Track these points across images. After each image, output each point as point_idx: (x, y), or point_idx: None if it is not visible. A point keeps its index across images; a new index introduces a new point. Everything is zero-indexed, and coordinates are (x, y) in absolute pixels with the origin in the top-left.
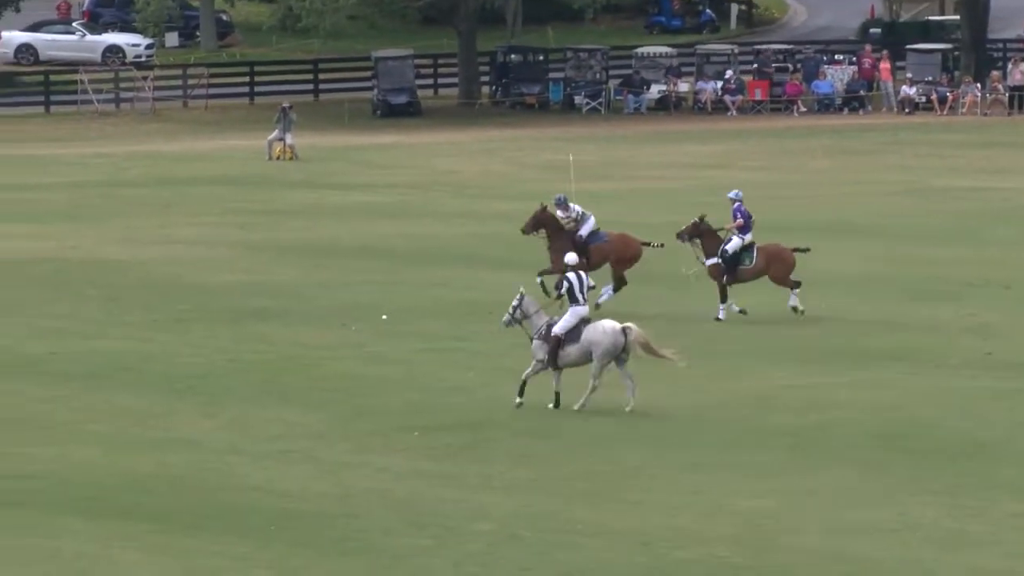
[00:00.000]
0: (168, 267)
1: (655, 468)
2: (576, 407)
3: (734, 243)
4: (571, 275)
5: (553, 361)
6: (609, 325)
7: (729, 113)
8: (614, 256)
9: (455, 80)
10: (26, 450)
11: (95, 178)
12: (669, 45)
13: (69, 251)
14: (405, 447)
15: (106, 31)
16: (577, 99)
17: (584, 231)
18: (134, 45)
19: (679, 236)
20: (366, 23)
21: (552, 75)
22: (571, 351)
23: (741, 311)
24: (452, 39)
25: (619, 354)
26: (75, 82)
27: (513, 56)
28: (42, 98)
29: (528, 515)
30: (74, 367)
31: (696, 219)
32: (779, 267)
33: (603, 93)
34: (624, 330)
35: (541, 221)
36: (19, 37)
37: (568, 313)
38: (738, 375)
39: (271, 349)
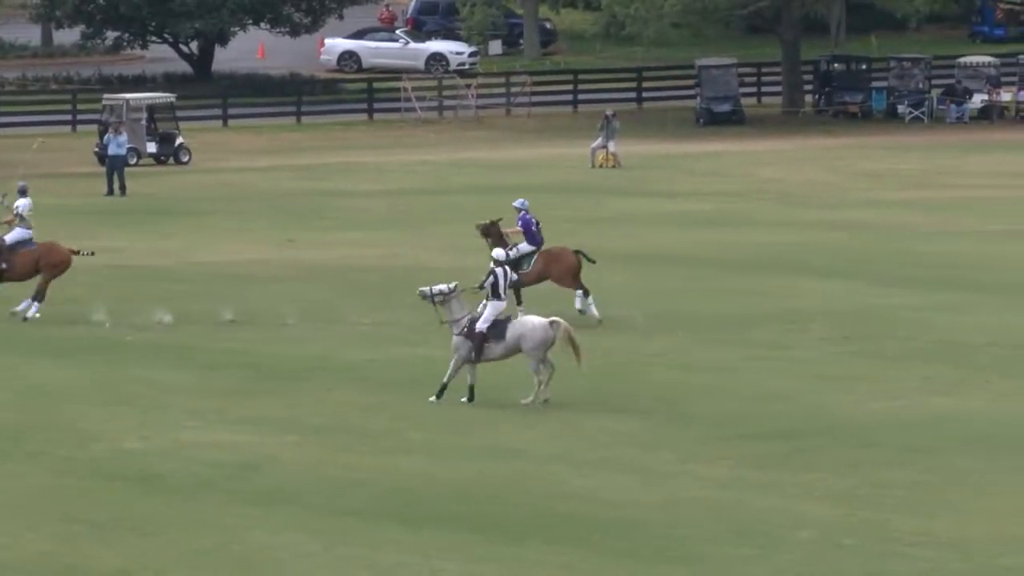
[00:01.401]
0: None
1: (979, 475)
2: (525, 402)
3: None
4: (498, 270)
5: (477, 356)
6: (538, 320)
7: None
8: (43, 263)
9: (778, 88)
10: (347, 458)
11: (419, 185)
12: (992, 55)
13: (393, 258)
14: (727, 456)
15: (429, 39)
16: (900, 108)
17: (10, 238)
18: (457, 53)
19: None
20: (690, 31)
21: (875, 84)
22: (496, 347)
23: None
24: (775, 48)
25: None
26: (398, 89)
27: (836, 65)
28: (365, 105)
29: (849, 524)
30: (395, 374)
31: None
32: None
33: (926, 102)
34: (552, 323)
35: None
36: (342, 44)
37: (488, 308)
38: None
39: (596, 356)
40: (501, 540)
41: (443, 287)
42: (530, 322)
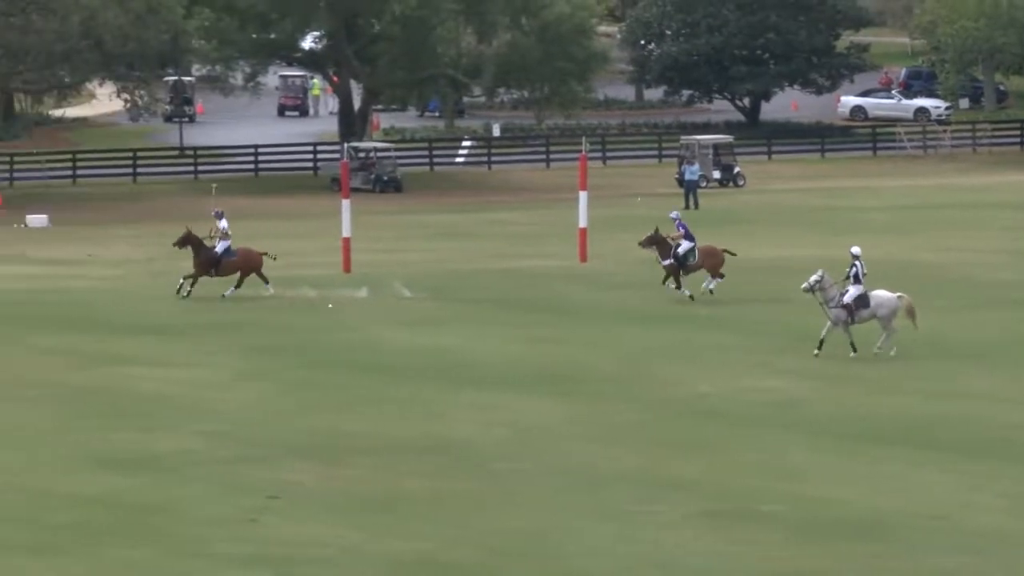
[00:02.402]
0: (961, 267)
1: None
2: (891, 353)
3: None
4: (858, 263)
5: (852, 320)
6: (890, 294)
7: None
8: (243, 267)
9: None
10: (855, 398)
11: (910, 203)
12: None
13: (891, 255)
14: None
15: (916, 97)
16: None
17: (219, 248)
18: (936, 107)
19: None
20: None
21: None
22: (864, 313)
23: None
24: None
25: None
26: (894, 134)
27: None
28: (870, 145)
29: None
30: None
31: None
32: None
33: None
34: (899, 297)
35: (187, 239)
36: (853, 100)
37: (852, 289)
38: None
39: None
40: (965, 459)
41: (813, 278)
42: (885, 295)
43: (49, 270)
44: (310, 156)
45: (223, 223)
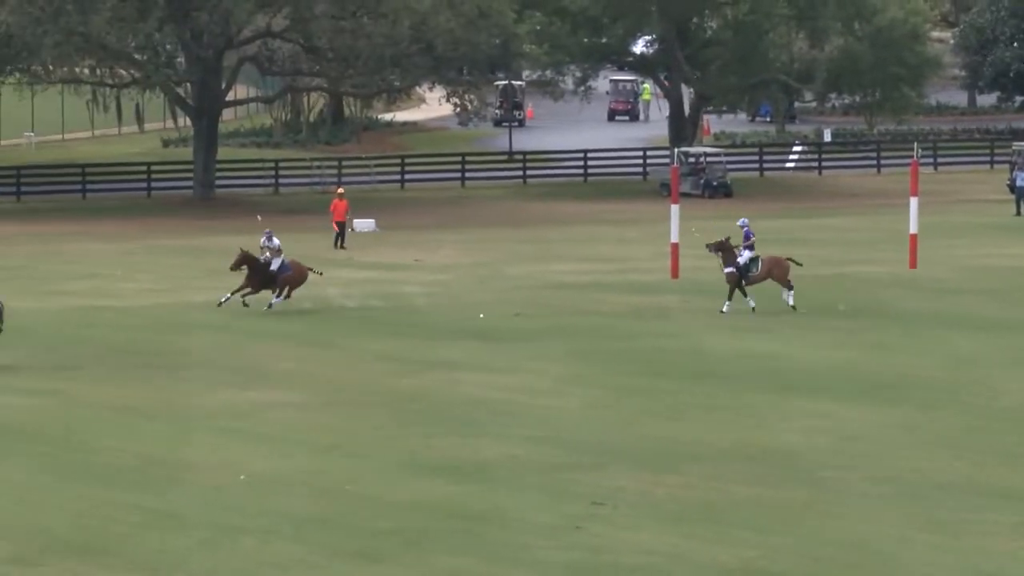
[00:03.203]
0: None
1: None
2: None
3: None
4: None
5: None
6: None
7: None
8: (295, 280)
9: None
10: None
11: None
12: None
13: None
14: None
15: None
16: None
17: (275, 265)
18: None
19: None
20: None
21: None
22: None
23: None
24: None
25: None
26: None
27: None
28: None
29: None
30: None
31: None
32: None
33: None
34: None
35: (243, 260)
36: None
37: None
38: None
39: None
40: None
41: None
42: None
43: (377, 275)
44: (640, 161)
45: (275, 241)
